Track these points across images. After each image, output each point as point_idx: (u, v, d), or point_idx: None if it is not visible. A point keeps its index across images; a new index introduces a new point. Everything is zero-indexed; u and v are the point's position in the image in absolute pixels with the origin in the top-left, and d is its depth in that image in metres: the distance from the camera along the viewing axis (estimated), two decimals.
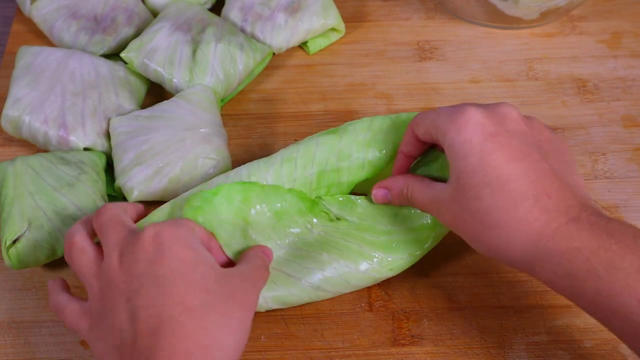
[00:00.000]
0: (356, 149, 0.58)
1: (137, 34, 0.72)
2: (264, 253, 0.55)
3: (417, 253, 0.57)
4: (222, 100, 0.70)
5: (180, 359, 0.44)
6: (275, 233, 0.57)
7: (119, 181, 0.62)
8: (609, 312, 0.44)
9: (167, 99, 0.66)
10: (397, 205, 0.58)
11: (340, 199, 0.59)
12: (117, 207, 0.53)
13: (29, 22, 0.77)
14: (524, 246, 0.47)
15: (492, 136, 0.48)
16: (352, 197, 0.59)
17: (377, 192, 0.58)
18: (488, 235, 0.48)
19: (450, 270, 0.60)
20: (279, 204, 0.57)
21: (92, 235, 0.52)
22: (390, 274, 0.57)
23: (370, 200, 0.59)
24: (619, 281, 0.43)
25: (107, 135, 0.65)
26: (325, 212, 0.58)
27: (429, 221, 0.58)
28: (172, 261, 0.48)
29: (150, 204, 0.64)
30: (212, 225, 0.55)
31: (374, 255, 0.56)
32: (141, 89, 0.70)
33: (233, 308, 0.47)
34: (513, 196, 0.47)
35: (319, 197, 0.59)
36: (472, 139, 0.48)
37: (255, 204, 0.56)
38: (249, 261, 0.53)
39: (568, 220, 0.46)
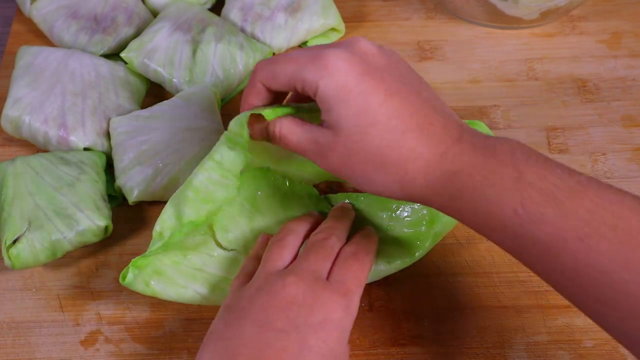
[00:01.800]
0: None
1: (137, 34, 0.72)
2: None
3: (417, 252, 0.57)
4: (222, 100, 0.70)
5: None
6: (283, 214, 0.57)
7: (119, 181, 0.62)
8: (488, 228, 0.45)
9: (167, 99, 0.66)
10: (259, 140, 0.53)
11: (346, 200, 0.60)
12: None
13: (29, 22, 0.77)
14: (418, 177, 0.47)
15: (364, 75, 0.47)
16: (355, 194, 0.60)
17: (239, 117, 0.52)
18: (381, 174, 0.48)
19: (450, 270, 0.60)
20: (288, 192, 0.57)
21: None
22: (389, 269, 0.57)
23: (370, 197, 0.59)
24: (497, 194, 0.44)
25: (107, 135, 0.65)
26: (331, 206, 0.59)
27: (425, 212, 0.58)
28: (324, 342, 0.47)
29: (150, 204, 0.64)
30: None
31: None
32: (141, 89, 0.70)
33: None
34: (400, 130, 0.47)
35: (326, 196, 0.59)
36: (346, 83, 0.47)
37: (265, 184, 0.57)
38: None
39: (453, 142, 0.47)
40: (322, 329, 0.48)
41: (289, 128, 0.50)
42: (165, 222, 0.54)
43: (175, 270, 0.55)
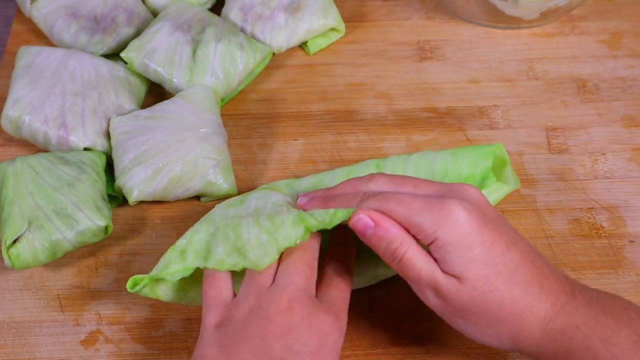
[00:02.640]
0: None
1: (137, 34, 0.72)
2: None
3: None
4: (222, 100, 0.70)
5: None
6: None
7: (119, 181, 0.62)
8: None
9: (167, 99, 0.66)
10: (372, 247, 0.51)
11: None
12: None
13: (29, 22, 0.77)
14: (534, 332, 0.47)
15: (484, 225, 0.47)
16: None
17: (362, 218, 0.49)
18: (496, 326, 0.48)
19: None
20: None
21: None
22: (388, 272, 0.57)
23: None
24: (616, 356, 0.45)
25: (107, 135, 0.65)
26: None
27: None
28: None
29: (151, 204, 0.64)
30: None
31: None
32: (141, 89, 0.70)
33: None
34: (522, 283, 0.47)
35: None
36: (470, 232, 0.47)
37: None
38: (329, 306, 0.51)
39: (568, 299, 0.47)
40: (320, 354, 0.47)
41: (415, 255, 0.49)
42: (193, 244, 0.53)
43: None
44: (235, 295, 0.51)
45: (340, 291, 0.51)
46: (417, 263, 0.48)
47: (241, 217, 0.54)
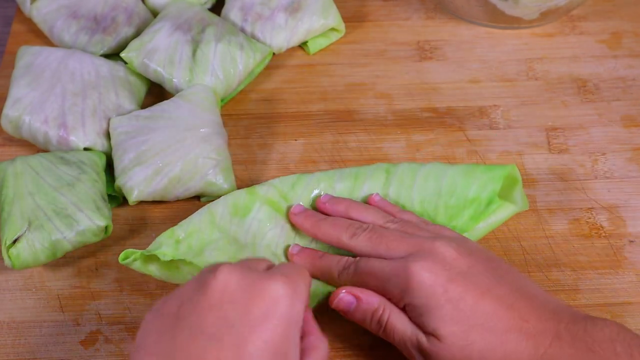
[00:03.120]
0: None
1: (137, 34, 0.72)
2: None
3: None
4: (222, 100, 0.70)
5: None
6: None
7: (119, 181, 0.62)
8: None
9: (167, 99, 0.66)
10: (357, 322, 0.53)
11: None
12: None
13: (29, 22, 0.77)
14: None
15: (450, 282, 0.48)
16: None
17: (343, 298, 0.51)
18: None
19: None
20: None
21: None
22: None
23: None
24: None
25: (107, 135, 0.65)
26: None
27: None
28: (265, 343, 0.41)
29: (150, 204, 0.64)
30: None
31: None
32: (141, 89, 0.69)
33: None
34: (499, 330, 0.47)
35: None
36: (434, 293, 0.48)
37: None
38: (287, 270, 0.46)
39: (551, 341, 0.47)
40: (263, 326, 0.41)
41: (397, 320, 0.50)
42: (190, 239, 0.56)
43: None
44: None
45: (293, 266, 0.47)
46: (399, 327, 0.50)
47: (239, 241, 0.58)
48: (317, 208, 0.59)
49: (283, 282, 0.43)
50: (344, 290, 0.52)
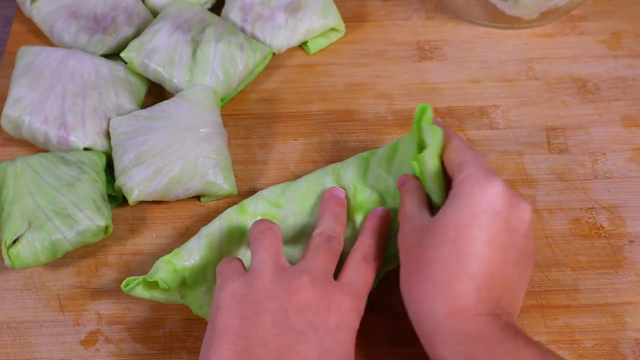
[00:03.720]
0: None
1: (137, 34, 0.72)
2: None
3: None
4: (222, 100, 0.70)
5: None
6: None
7: (119, 181, 0.62)
8: None
9: (167, 99, 0.66)
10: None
11: None
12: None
13: (29, 22, 0.77)
14: (440, 313, 0.47)
15: (490, 227, 0.48)
16: None
17: (401, 179, 0.56)
18: (417, 284, 0.49)
19: None
20: None
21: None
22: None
23: None
24: None
25: (107, 135, 0.65)
26: None
27: None
28: (339, 345, 0.49)
29: (150, 204, 0.64)
30: None
31: None
32: (141, 89, 0.69)
33: None
34: (463, 269, 0.47)
35: None
36: (480, 220, 0.48)
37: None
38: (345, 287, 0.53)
39: (488, 313, 0.47)
40: (338, 332, 0.49)
41: (411, 203, 0.54)
42: (188, 269, 0.57)
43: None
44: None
45: (362, 276, 0.53)
46: (411, 208, 0.53)
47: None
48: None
49: (351, 299, 0.51)
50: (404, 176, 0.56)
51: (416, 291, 0.49)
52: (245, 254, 0.59)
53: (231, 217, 0.60)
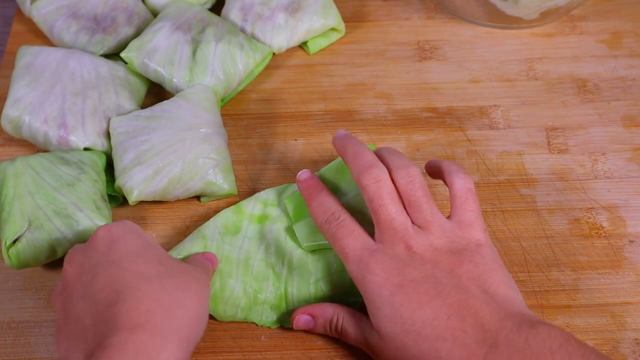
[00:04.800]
0: None
1: (137, 34, 0.72)
2: (209, 259, 0.57)
3: None
4: (222, 100, 0.70)
5: (141, 318, 0.46)
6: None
7: (119, 181, 0.62)
8: None
9: (167, 99, 0.66)
10: (320, 333, 0.57)
11: None
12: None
13: (29, 22, 0.77)
14: None
15: (399, 287, 0.50)
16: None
17: (300, 319, 0.56)
18: None
19: None
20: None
21: None
22: None
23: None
24: None
25: (107, 135, 0.65)
26: None
27: None
28: (125, 246, 0.51)
29: (150, 204, 0.64)
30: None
31: None
32: (141, 89, 0.69)
33: (189, 280, 0.50)
34: (432, 340, 0.48)
35: None
36: (380, 294, 0.50)
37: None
38: (194, 263, 0.55)
39: (487, 350, 0.47)
40: (145, 252, 0.51)
41: (349, 323, 0.54)
42: None
43: None
44: None
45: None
46: (351, 330, 0.54)
47: (233, 259, 0.58)
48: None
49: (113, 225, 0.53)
50: (299, 313, 0.55)
51: None
52: (241, 248, 0.59)
53: (228, 215, 0.60)
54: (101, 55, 0.71)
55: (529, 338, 0.46)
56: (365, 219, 0.55)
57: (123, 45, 0.71)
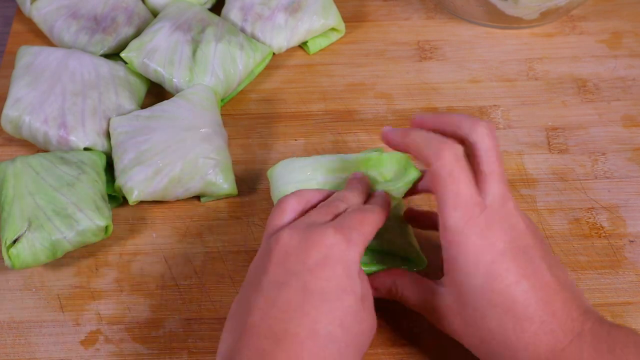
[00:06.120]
0: None
1: (137, 34, 0.72)
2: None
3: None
4: (222, 100, 0.70)
5: None
6: None
7: (119, 181, 0.62)
8: None
9: (167, 99, 0.66)
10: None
11: None
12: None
13: (29, 22, 0.77)
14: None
15: (501, 256, 0.47)
16: None
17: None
18: (492, 353, 0.48)
19: None
20: None
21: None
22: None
23: None
24: None
25: (107, 135, 0.65)
26: None
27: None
28: (327, 281, 0.46)
29: (150, 204, 0.64)
30: None
31: None
32: (141, 89, 0.70)
33: (351, 350, 0.47)
34: (520, 319, 0.47)
35: None
36: (481, 260, 0.47)
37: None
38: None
39: (572, 339, 0.46)
40: (323, 268, 0.46)
41: (409, 291, 0.53)
42: None
43: None
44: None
45: (353, 217, 0.50)
46: (415, 295, 0.53)
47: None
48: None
49: (334, 231, 0.48)
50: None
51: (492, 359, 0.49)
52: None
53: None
54: (101, 55, 0.71)
55: (611, 331, 0.46)
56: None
57: (123, 45, 0.71)
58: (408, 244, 0.57)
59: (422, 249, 0.58)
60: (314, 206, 0.53)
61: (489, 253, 0.47)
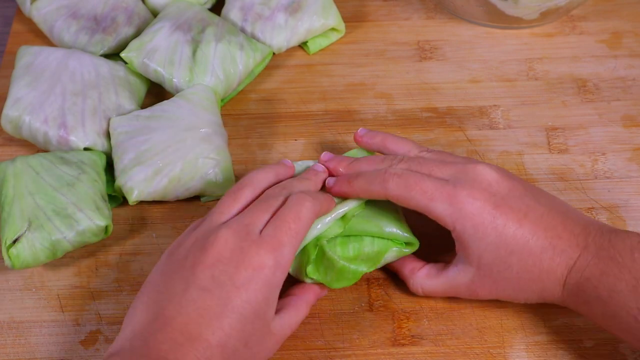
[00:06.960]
0: None
1: (137, 34, 0.72)
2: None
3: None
4: (222, 100, 0.70)
5: None
6: None
7: (119, 181, 0.62)
8: (616, 328, 0.50)
9: (167, 99, 0.66)
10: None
11: None
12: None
13: (29, 22, 0.77)
14: (555, 290, 0.52)
15: (496, 209, 0.52)
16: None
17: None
18: (524, 292, 0.53)
19: None
20: None
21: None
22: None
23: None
24: (618, 303, 0.49)
25: (107, 135, 0.65)
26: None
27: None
28: (247, 304, 0.48)
29: (150, 204, 0.64)
30: None
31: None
32: (141, 89, 0.70)
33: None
34: (537, 253, 0.51)
35: None
36: (482, 221, 0.52)
37: None
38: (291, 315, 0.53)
39: (580, 253, 0.51)
40: (247, 290, 0.48)
41: (430, 284, 0.56)
42: None
43: None
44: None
45: (286, 224, 0.51)
46: (436, 286, 0.56)
47: None
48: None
49: (267, 251, 0.49)
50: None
51: (526, 297, 0.54)
52: None
53: None
54: (101, 55, 0.71)
55: (612, 239, 0.50)
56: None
57: (123, 45, 0.71)
58: (403, 228, 0.57)
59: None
60: (267, 188, 0.55)
61: (487, 214, 0.52)
